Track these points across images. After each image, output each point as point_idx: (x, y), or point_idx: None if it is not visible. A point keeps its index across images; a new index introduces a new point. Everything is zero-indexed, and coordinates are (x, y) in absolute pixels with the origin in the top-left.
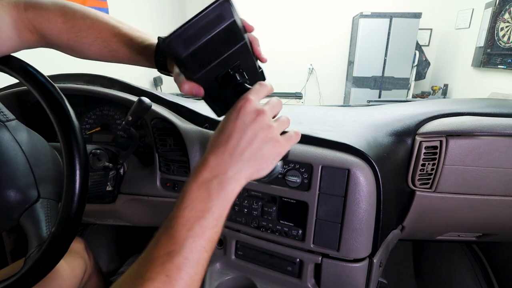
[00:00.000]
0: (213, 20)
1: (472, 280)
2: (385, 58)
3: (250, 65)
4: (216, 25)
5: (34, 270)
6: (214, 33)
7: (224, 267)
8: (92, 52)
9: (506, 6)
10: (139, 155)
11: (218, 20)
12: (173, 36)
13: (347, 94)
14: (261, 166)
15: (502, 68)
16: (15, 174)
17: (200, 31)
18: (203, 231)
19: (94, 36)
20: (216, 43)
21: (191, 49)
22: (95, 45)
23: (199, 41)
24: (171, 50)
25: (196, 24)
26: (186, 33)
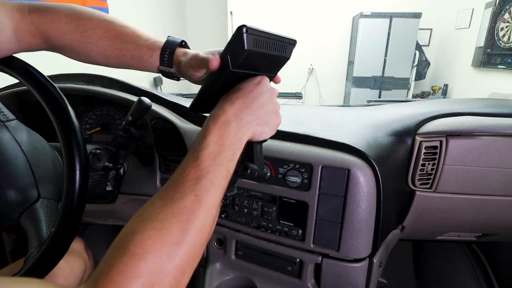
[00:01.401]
0: (280, 47)
1: (472, 280)
2: (385, 58)
3: None
4: (279, 52)
5: (34, 270)
6: (273, 55)
7: (224, 267)
8: (95, 52)
9: (506, 6)
10: (139, 155)
11: (282, 50)
12: (253, 31)
13: (347, 94)
14: (264, 129)
15: (502, 68)
16: (15, 174)
17: (269, 46)
18: (224, 162)
19: (99, 35)
20: (266, 61)
21: (253, 50)
22: (99, 44)
23: (262, 51)
24: (243, 37)
25: (272, 38)
26: (262, 37)
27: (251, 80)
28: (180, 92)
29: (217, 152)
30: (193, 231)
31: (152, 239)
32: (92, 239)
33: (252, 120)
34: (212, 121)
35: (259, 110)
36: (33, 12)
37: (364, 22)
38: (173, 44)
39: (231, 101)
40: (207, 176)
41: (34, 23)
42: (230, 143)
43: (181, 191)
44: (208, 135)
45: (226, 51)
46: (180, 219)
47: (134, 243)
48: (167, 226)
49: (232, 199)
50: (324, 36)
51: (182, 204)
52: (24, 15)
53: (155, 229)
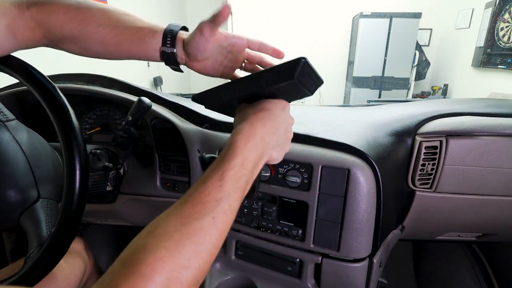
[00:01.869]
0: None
1: (472, 280)
2: (385, 58)
3: None
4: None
5: (34, 270)
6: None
7: (224, 267)
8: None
9: (506, 6)
10: (139, 155)
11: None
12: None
13: (347, 94)
14: (278, 156)
15: (502, 68)
16: (15, 174)
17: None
18: (243, 186)
19: (99, 22)
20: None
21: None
22: (99, 31)
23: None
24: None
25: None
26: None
27: (277, 104)
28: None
29: (240, 175)
30: (205, 254)
31: (164, 260)
32: (92, 239)
33: (275, 146)
34: (242, 139)
35: (282, 137)
36: (32, 6)
37: (364, 22)
38: (176, 27)
39: (262, 121)
40: (227, 198)
41: (33, 17)
42: (252, 167)
43: (200, 211)
44: (236, 156)
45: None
46: (194, 241)
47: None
48: (181, 247)
49: None
50: (324, 36)
51: (198, 225)
52: (22, 11)
53: (168, 250)
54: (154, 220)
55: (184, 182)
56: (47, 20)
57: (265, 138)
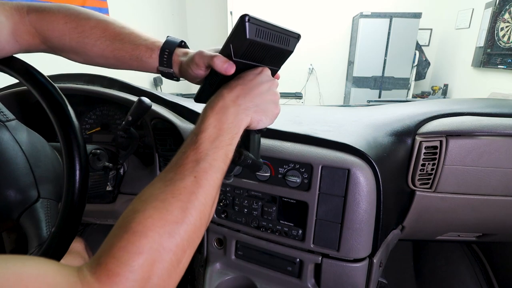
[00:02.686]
0: (283, 39)
1: (472, 280)
2: (385, 58)
3: None
4: (282, 44)
5: None
6: (276, 47)
7: (224, 267)
8: (94, 53)
9: (506, 6)
10: (139, 155)
11: (285, 43)
12: (255, 20)
13: (347, 94)
14: (261, 117)
15: (502, 68)
16: (15, 174)
17: (271, 37)
18: (222, 145)
19: (97, 35)
20: (268, 53)
21: (256, 40)
22: (98, 45)
23: (264, 41)
24: (245, 26)
25: (274, 30)
26: (264, 28)
27: (252, 70)
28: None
29: (215, 135)
30: (193, 211)
31: (153, 217)
32: (92, 239)
33: (250, 107)
34: (210, 107)
35: (258, 98)
36: (32, 12)
37: (364, 22)
38: (172, 44)
39: (229, 87)
40: (206, 158)
41: (32, 23)
42: (228, 127)
43: (181, 172)
44: (207, 119)
45: (229, 41)
46: (180, 199)
47: (135, 221)
48: (168, 205)
49: (232, 199)
50: (324, 36)
51: (182, 185)
52: (22, 16)
53: (156, 208)
54: (143, 189)
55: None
56: (46, 29)
57: (236, 100)
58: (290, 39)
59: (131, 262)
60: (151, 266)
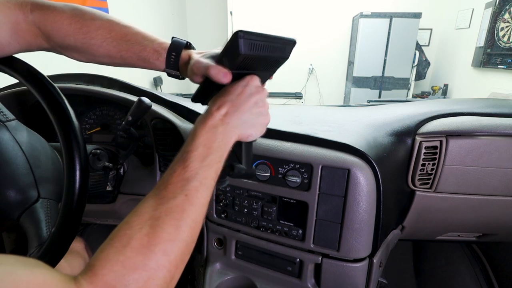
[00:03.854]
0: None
1: (472, 280)
2: (385, 58)
3: None
4: (277, 53)
5: None
6: (270, 56)
7: (224, 267)
8: (100, 53)
9: (506, 6)
10: (139, 155)
11: (280, 51)
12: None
13: (347, 94)
14: (250, 132)
15: (502, 68)
16: (15, 174)
17: (266, 48)
18: (212, 164)
19: (103, 36)
20: (263, 62)
21: (249, 54)
22: (104, 46)
23: (258, 53)
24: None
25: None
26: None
27: (240, 82)
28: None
29: (205, 154)
30: (185, 228)
31: (149, 236)
32: (92, 239)
33: (239, 124)
34: (200, 125)
35: (246, 113)
36: (35, 10)
37: (364, 22)
38: (179, 46)
39: (218, 105)
40: (196, 177)
41: (36, 23)
42: (217, 146)
43: (172, 191)
44: (197, 138)
45: (223, 55)
46: (173, 217)
47: (133, 237)
48: (162, 223)
49: (232, 199)
50: (324, 36)
51: (174, 203)
52: (26, 14)
53: (151, 227)
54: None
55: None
56: (50, 28)
57: (224, 119)
58: (285, 47)
59: (127, 277)
60: (146, 282)
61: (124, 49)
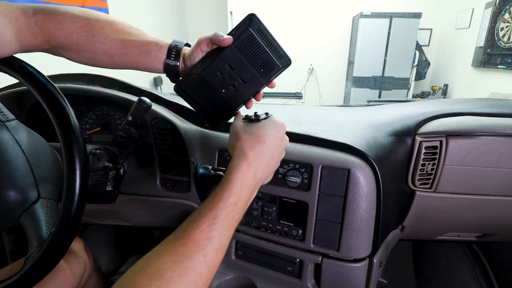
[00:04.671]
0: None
1: (472, 280)
2: (385, 58)
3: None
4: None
5: (34, 270)
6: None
7: (224, 267)
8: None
9: (506, 6)
10: (139, 155)
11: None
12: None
13: (347, 94)
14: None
15: (502, 68)
16: (15, 174)
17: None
18: (234, 224)
19: (106, 33)
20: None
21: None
22: (107, 42)
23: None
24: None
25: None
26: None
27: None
28: None
29: (233, 214)
30: None
31: None
32: (92, 239)
33: (264, 177)
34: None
35: (274, 166)
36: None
37: (364, 22)
38: (180, 43)
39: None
40: (220, 237)
41: (38, 24)
42: (245, 204)
43: (191, 249)
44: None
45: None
46: (185, 280)
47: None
48: (172, 286)
49: None
50: (324, 36)
51: (190, 264)
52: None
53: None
54: (147, 255)
55: (184, 182)
56: (53, 27)
57: (257, 175)
58: (282, 56)
59: None
60: None
61: (127, 45)
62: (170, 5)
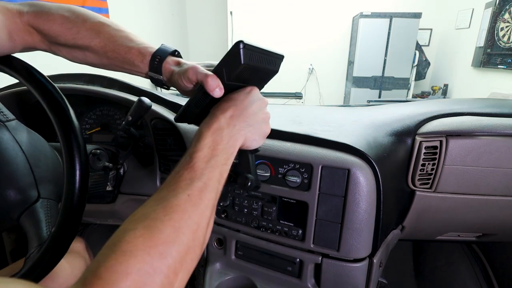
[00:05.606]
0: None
1: (472, 280)
2: (385, 58)
3: None
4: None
5: (34, 270)
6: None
7: (224, 267)
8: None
9: (506, 6)
10: (139, 155)
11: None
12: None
13: (347, 94)
14: (255, 137)
15: (502, 68)
16: (15, 174)
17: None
18: (217, 165)
19: (91, 37)
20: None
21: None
22: (92, 46)
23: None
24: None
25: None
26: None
27: (242, 90)
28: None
29: (210, 155)
30: (186, 230)
31: (144, 237)
32: (92, 239)
33: (244, 127)
34: (205, 128)
35: (251, 118)
36: (31, 11)
37: (364, 22)
38: (165, 52)
39: (223, 109)
40: (201, 177)
41: (30, 22)
42: (223, 148)
43: (174, 189)
44: (202, 140)
45: (222, 64)
46: (172, 218)
47: (125, 240)
48: (159, 224)
49: (232, 199)
50: (324, 36)
51: (174, 202)
52: (21, 14)
53: (147, 227)
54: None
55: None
56: (43, 27)
57: (230, 122)
58: (276, 60)
59: (118, 284)
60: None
61: (110, 50)
62: (170, 5)
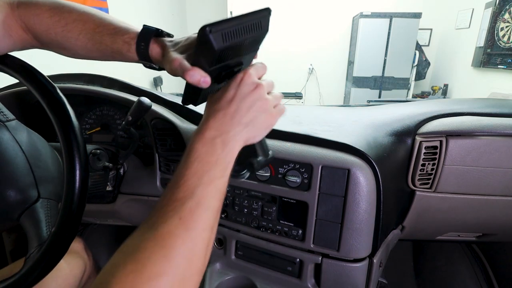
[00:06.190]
0: (254, 26)
1: (472, 280)
2: (385, 58)
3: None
4: (254, 31)
5: (34, 270)
6: (248, 37)
7: (224, 267)
8: (78, 46)
9: (506, 6)
10: (139, 155)
11: (256, 27)
12: (217, 27)
13: (347, 94)
14: (255, 133)
15: (502, 68)
16: (15, 174)
17: (239, 31)
18: (212, 180)
19: (79, 29)
20: (243, 45)
21: (224, 46)
22: (80, 38)
23: (234, 41)
24: (209, 39)
25: (239, 23)
26: (229, 29)
27: (231, 83)
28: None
29: (202, 171)
30: (179, 259)
31: (135, 273)
32: (92, 239)
33: (240, 130)
34: (195, 138)
35: (246, 116)
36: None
37: (364, 22)
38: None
39: (213, 114)
40: (192, 197)
41: (21, 18)
42: (217, 160)
43: (164, 215)
44: (192, 153)
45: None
46: (163, 246)
47: (116, 278)
48: (150, 255)
49: (232, 199)
50: (324, 36)
51: (165, 229)
52: (13, 9)
53: (137, 261)
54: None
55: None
56: (33, 22)
57: (221, 128)
58: (260, 20)
59: None
60: None
61: (98, 42)
62: (170, 5)
